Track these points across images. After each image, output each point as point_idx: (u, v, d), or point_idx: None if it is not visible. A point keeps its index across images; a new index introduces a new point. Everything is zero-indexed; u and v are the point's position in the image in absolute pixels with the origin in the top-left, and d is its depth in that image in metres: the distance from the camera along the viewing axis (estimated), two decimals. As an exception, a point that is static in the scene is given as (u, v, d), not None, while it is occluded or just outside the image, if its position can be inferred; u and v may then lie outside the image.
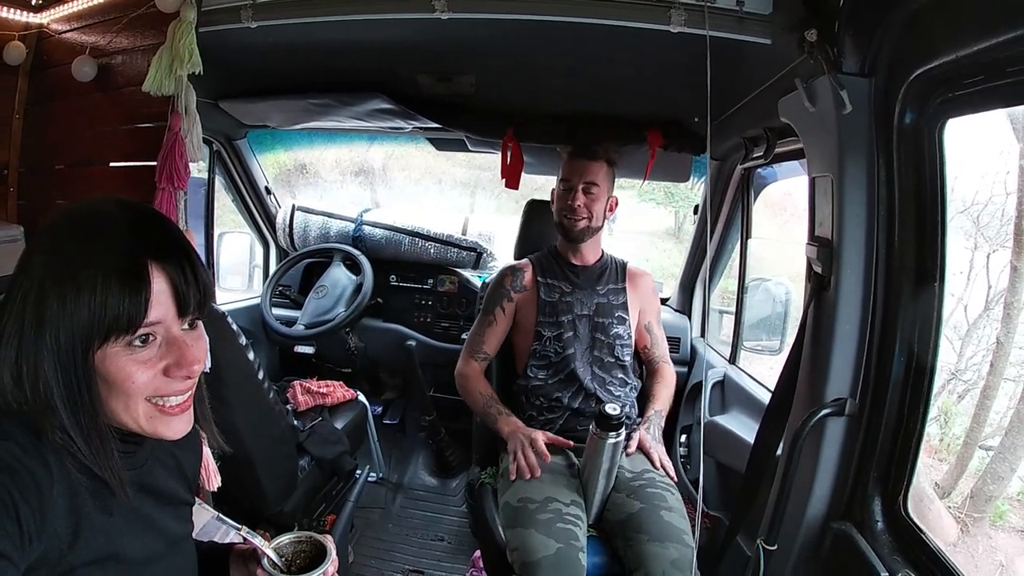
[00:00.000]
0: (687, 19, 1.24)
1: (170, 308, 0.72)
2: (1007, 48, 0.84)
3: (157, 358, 0.72)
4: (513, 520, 1.50)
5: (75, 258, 0.69)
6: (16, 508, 0.63)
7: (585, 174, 1.77)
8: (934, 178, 1.07)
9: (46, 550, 0.65)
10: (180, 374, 0.73)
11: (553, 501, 1.50)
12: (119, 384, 0.70)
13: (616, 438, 1.49)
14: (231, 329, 1.69)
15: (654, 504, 1.49)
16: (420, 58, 1.73)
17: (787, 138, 1.61)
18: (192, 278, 0.73)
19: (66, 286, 0.67)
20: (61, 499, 0.67)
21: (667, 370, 1.87)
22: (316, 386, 2.37)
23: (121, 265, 0.69)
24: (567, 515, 1.47)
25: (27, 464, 0.66)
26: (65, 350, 0.67)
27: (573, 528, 1.44)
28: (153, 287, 0.70)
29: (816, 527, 1.21)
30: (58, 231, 0.72)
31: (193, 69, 1.41)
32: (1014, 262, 2.85)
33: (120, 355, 0.70)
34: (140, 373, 0.71)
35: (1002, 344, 3.02)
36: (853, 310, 1.16)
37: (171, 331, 0.73)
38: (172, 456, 0.88)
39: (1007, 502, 3.07)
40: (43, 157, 1.87)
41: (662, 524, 1.43)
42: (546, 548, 1.39)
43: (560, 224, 1.82)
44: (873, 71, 1.11)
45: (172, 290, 0.72)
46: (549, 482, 1.57)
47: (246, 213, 2.89)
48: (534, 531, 1.43)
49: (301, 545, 0.90)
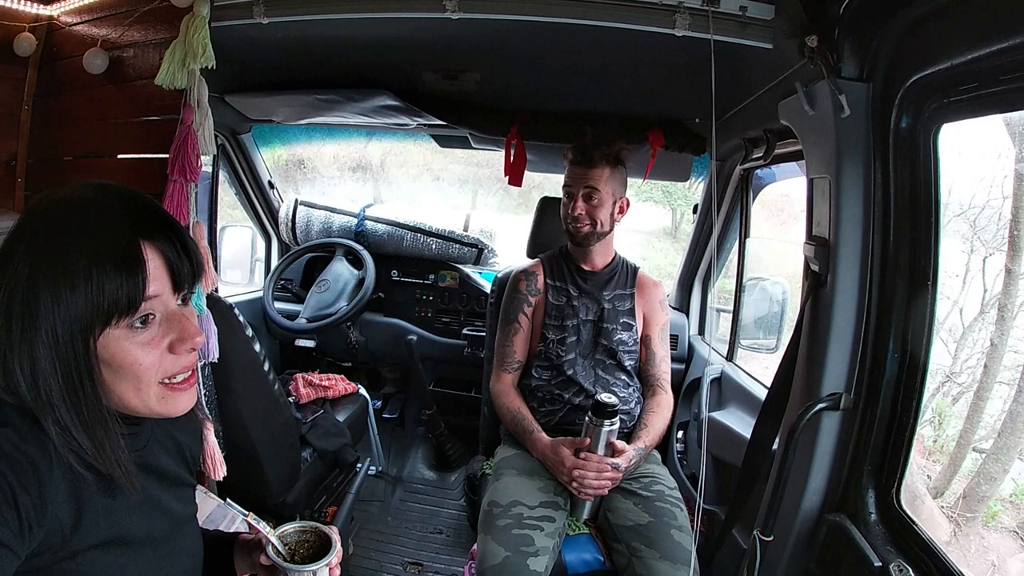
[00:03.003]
0: (691, 23, 1.27)
1: (166, 283, 0.72)
2: (1000, 57, 0.87)
3: (160, 336, 0.72)
4: (481, 524, 1.53)
5: (64, 249, 0.67)
6: (15, 496, 0.63)
7: (584, 180, 1.73)
8: (928, 181, 1.09)
9: (48, 537, 0.65)
10: (185, 347, 0.73)
11: (518, 505, 1.51)
12: (126, 368, 0.70)
13: (611, 426, 1.52)
14: (238, 320, 1.71)
15: (664, 521, 1.50)
16: (427, 56, 1.75)
17: (786, 140, 1.64)
18: (183, 252, 0.74)
19: (58, 278, 0.65)
20: (62, 485, 0.67)
21: (663, 399, 1.78)
22: (318, 379, 2.39)
23: (114, 249, 0.68)
24: (528, 519, 1.48)
25: (26, 451, 0.65)
26: (64, 342, 0.66)
27: (532, 532, 1.45)
28: (148, 265, 0.69)
29: (811, 519, 1.24)
30: (42, 222, 0.70)
31: (206, 63, 1.43)
32: (1009, 265, 2.88)
33: (122, 339, 0.69)
34: (146, 355, 0.71)
35: (996, 346, 3.05)
36: (849, 307, 1.19)
37: (169, 307, 0.73)
38: (172, 438, 0.88)
39: (999, 503, 3.11)
40: (51, 148, 1.88)
41: (672, 544, 1.44)
42: (494, 556, 1.41)
43: (567, 230, 1.82)
44: (871, 76, 1.14)
45: (166, 266, 0.72)
46: (523, 484, 1.59)
47: (249, 207, 2.91)
48: (489, 538, 1.46)
49: (305, 535, 0.91)
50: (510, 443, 1.79)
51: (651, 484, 1.61)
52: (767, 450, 1.38)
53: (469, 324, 2.75)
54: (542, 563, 1.41)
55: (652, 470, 1.68)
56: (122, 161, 1.73)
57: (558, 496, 1.58)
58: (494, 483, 1.63)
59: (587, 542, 1.59)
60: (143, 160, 1.66)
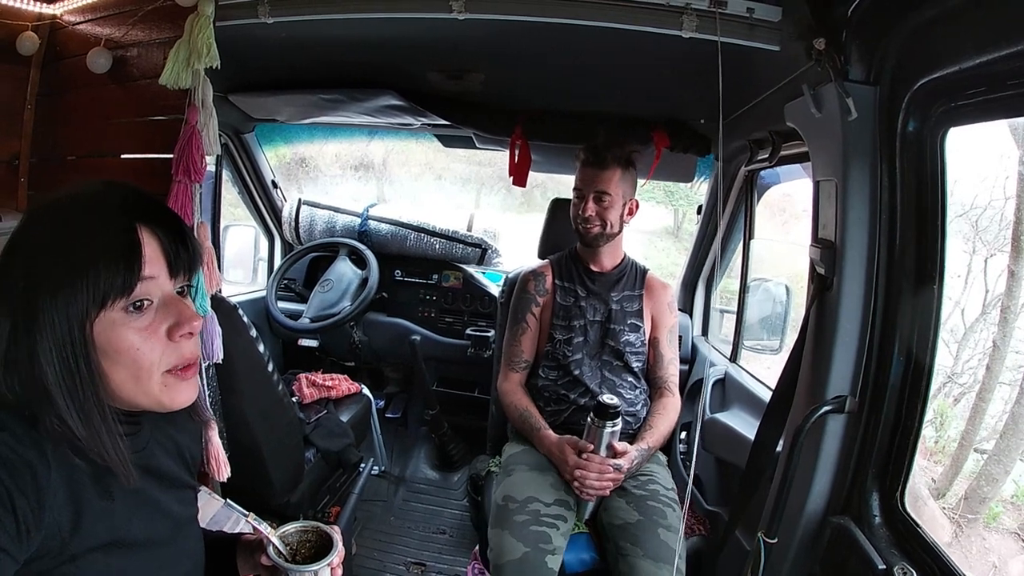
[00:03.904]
0: (699, 25, 1.27)
1: (162, 267, 0.72)
2: (1007, 62, 0.87)
3: (157, 322, 0.72)
4: (495, 519, 1.53)
5: (64, 238, 0.68)
6: (12, 500, 0.62)
7: (595, 183, 1.74)
8: (935, 184, 1.09)
9: (46, 540, 0.65)
10: (182, 332, 0.73)
11: (534, 501, 1.51)
12: (123, 355, 0.69)
13: (613, 427, 1.52)
14: (242, 321, 1.72)
15: (653, 519, 1.50)
16: (431, 56, 1.75)
17: (791, 141, 1.64)
18: (180, 238, 0.74)
19: (57, 267, 0.66)
20: (60, 489, 0.66)
21: (670, 401, 1.78)
22: (321, 379, 2.40)
23: (111, 232, 0.69)
24: (545, 516, 1.48)
25: (23, 455, 0.65)
26: (61, 329, 0.66)
27: (549, 530, 1.45)
28: (145, 248, 0.70)
29: (815, 521, 1.24)
30: (44, 217, 0.72)
31: (211, 63, 1.43)
32: (1011, 266, 2.88)
33: (118, 323, 0.69)
34: (144, 341, 0.70)
35: (998, 347, 3.05)
36: (854, 310, 1.18)
37: (165, 291, 0.73)
38: (171, 439, 0.88)
39: (1001, 504, 3.11)
40: (54, 148, 1.88)
41: (657, 542, 1.44)
42: (513, 552, 1.41)
43: (577, 230, 1.82)
44: (878, 80, 1.14)
45: (163, 250, 0.72)
46: (536, 480, 1.59)
47: (252, 207, 2.91)
48: (507, 533, 1.45)
49: (307, 535, 0.90)
50: (518, 440, 1.80)
51: (647, 483, 1.61)
52: (771, 452, 1.37)
53: (472, 324, 2.75)
54: (557, 562, 1.42)
55: (651, 469, 1.68)
56: (125, 161, 1.72)
57: (568, 495, 1.58)
58: (505, 478, 1.63)
59: (585, 542, 1.60)
60: (147, 160, 1.65)
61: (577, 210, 1.78)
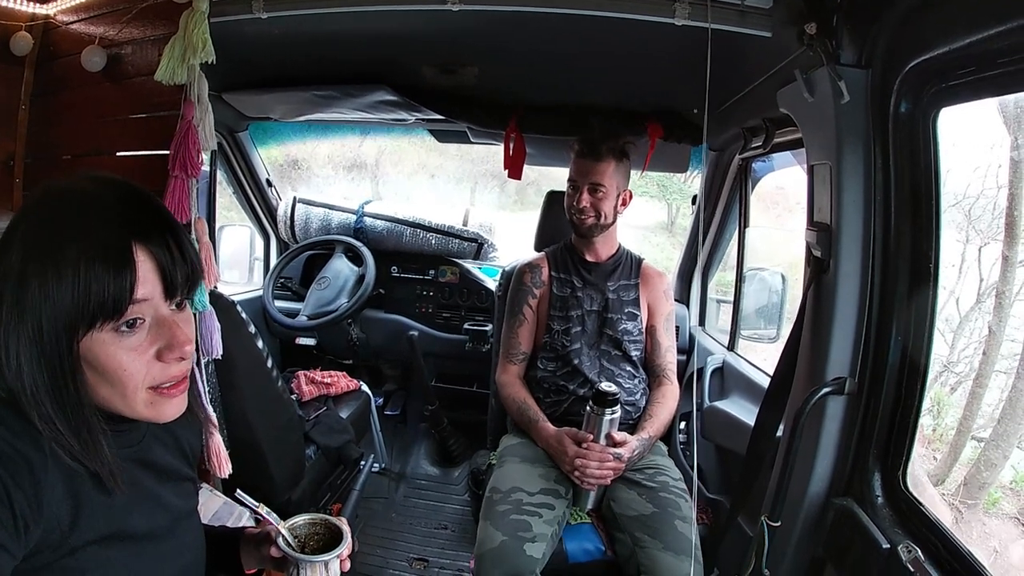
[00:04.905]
0: (691, 12, 1.27)
1: (157, 288, 0.69)
2: (997, 40, 0.88)
3: (147, 343, 0.70)
4: (482, 511, 1.54)
5: (56, 241, 0.65)
6: (9, 495, 0.61)
7: (590, 175, 1.76)
8: (928, 164, 1.10)
9: (45, 535, 0.64)
10: (173, 356, 0.70)
11: (517, 491, 1.52)
12: (111, 373, 0.68)
13: (612, 414, 1.53)
14: (240, 317, 1.71)
15: (668, 511, 1.50)
16: (425, 50, 1.75)
17: (784, 128, 1.64)
18: (179, 257, 0.70)
19: (47, 271, 0.64)
20: (58, 482, 0.66)
21: (669, 389, 1.80)
22: (320, 376, 2.39)
23: (104, 247, 0.65)
24: (527, 505, 1.49)
25: (20, 449, 0.64)
26: (48, 339, 0.64)
27: (529, 519, 1.46)
28: (139, 269, 0.67)
29: (818, 503, 1.25)
30: (38, 213, 0.69)
31: (206, 58, 1.43)
32: (1006, 252, 2.90)
33: (108, 343, 0.67)
34: (132, 361, 0.68)
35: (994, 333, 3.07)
36: (851, 292, 1.19)
37: (159, 312, 0.70)
38: (169, 432, 0.87)
39: (1000, 490, 3.13)
40: (49, 148, 1.87)
41: (675, 534, 1.44)
42: (491, 541, 1.42)
43: (571, 221, 1.84)
44: (870, 63, 1.15)
45: (158, 270, 0.69)
46: (524, 471, 1.60)
47: (247, 206, 2.90)
48: (488, 523, 1.47)
49: (315, 527, 0.91)
50: (515, 432, 1.81)
51: (656, 475, 1.62)
52: (771, 437, 1.38)
53: (470, 319, 2.74)
54: (539, 550, 1.42)
55: (657, 461, 1.69)
56: (122, 159, 1.72)
57: (559, 484, 1.59)
58: (497, 471, 1.64)
59: (589, 532, 1.60)
60: (143, 157, 1.65)
61: (572, 201, 1.80)
